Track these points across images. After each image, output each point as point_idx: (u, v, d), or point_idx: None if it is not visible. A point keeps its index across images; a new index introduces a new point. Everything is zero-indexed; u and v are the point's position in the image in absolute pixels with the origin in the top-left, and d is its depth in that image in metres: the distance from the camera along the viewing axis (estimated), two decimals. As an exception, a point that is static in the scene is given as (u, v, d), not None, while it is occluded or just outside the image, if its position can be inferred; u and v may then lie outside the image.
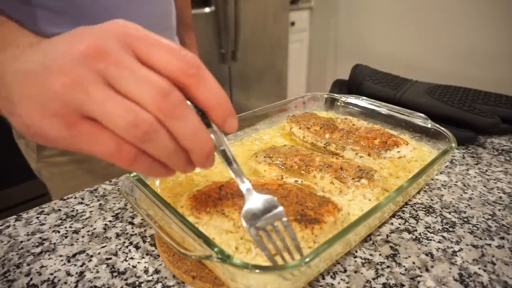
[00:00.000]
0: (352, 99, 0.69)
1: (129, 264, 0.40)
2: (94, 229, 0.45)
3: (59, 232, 0.45)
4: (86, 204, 0.50)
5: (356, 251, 0.41)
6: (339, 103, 0.70)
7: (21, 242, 0.43)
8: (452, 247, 0.42)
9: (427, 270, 0.39)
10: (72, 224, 0.46)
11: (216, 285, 0.36)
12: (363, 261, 0.40)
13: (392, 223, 0.46)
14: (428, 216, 0.48)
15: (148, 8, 0.65)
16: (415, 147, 0.56)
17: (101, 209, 0.49)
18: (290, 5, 2.25)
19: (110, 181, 0.55)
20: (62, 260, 0.40)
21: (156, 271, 0.39)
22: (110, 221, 0.47)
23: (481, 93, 0.73)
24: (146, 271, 0.39)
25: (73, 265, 0.39)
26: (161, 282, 0.37)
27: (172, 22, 0.74)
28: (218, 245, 0.31)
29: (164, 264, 0.39)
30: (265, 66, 2.18)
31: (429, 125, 0.57)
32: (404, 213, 0.48)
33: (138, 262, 0.40)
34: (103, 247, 0.42)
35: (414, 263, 0.40)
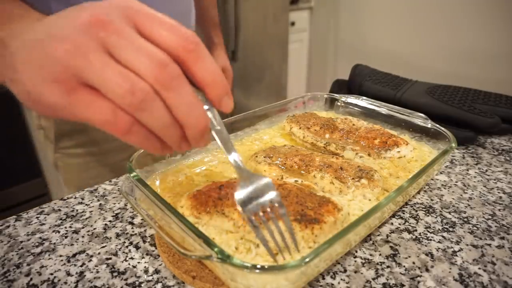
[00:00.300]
0: (352, 99, 0.68)
1: (129, 264, 0.40)
2: (94, 229, 0.45)
3: (59, 232, 0.45)
4: (86, 204, 0.50)
5: (356, 251, 0.41)
6: (339, 103, 0.70)
7: (21, 242, 0.43)
8: (452, 247, 0.42)
9: (427, 270, 0.39)
10: (72, 224, 0.46)
11: (216, 285, 0.36)
12: (363, 261, 0.40)
13: (392, 223, 0.46)
14: (428, 216, 0.48)
15: (168, 6, 0.65)
16: (415, 147, 0.56)
17: (101, 209, 0.49)
18: (290, 5, 2.26)
19: (110, 181, 0.55)
20: (62, 260, 0.40)
21: (156, 271, 0.39)
22: (110, 221, 0.47)
23: (481, 93, 0.73)
24: (146, 271, 0.39)
25: (73, 265, 0.39)
26: (161, 282, 0.37)
27: (191, 20, 0.74)
28: (218, 245, 0.31)
29: (164, 264, 0.39)
30: (265, 66, 2.18)
31: (429, 125, 0.57)
32: (404, 213, 0.48)
33: (138, 262, 0.40)
34: (103, 247, 0.42)
35: (414, 263, 0.40)
